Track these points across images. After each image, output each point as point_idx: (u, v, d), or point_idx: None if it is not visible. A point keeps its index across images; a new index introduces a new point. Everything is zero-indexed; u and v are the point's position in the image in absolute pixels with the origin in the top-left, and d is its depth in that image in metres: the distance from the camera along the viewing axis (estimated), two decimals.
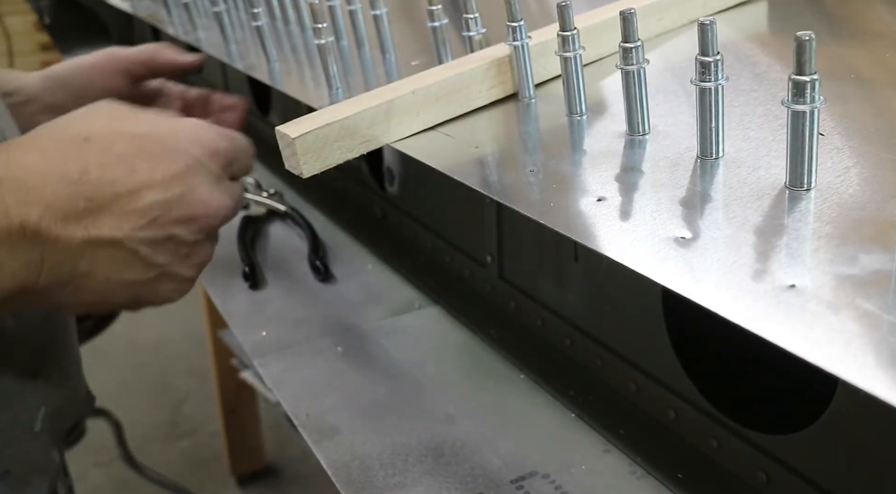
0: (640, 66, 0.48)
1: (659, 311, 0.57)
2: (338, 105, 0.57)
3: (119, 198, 0.50)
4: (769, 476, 0.51)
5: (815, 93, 0.39)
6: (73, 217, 0.48)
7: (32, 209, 0.46)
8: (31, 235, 0.46)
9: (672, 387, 0.58)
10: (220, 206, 0.55)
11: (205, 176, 0.54)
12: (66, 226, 0.48)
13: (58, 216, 0.47)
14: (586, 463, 0.58)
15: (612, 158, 0.49)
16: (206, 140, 0.55)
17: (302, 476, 2.08)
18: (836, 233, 0.38)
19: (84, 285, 0.50)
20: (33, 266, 0.47)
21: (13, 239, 0.46)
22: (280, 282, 0.88)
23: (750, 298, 0.35)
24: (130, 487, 1.95)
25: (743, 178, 0.44)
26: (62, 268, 0.48)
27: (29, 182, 0.47)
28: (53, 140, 0.51)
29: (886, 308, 0.32)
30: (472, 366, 0.70)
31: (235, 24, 0.97)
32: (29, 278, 0.47)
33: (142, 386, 2.43)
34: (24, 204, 0.46)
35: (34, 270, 0.47)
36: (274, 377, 0.72)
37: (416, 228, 0.88)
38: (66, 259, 0.48)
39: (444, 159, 0.54)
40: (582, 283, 0.65)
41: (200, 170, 0.54)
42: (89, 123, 0.53)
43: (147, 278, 0.53)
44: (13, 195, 0.46)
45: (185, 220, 0.53)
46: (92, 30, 2.14)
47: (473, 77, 0.58)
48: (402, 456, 0.60)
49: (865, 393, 0.29)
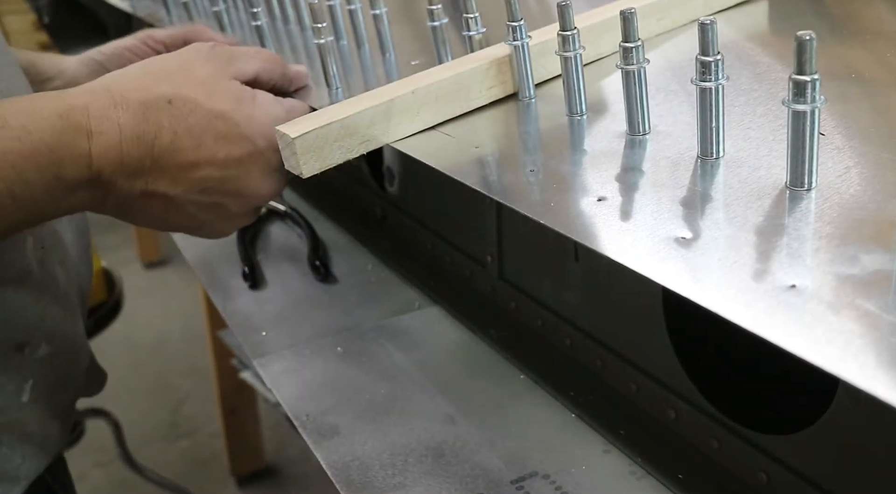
0: (640, 65, 0.48)
1: (659, 311, 0.57)
2: (338, 105, 0.57)
3: (181, 166, 0.56)
4: (769, 476, 0.51)
5: (816, 92, 0.39)
6: (139, 172, 0.56)
7: (110, 165, 0.54)
8: (104, 183, 0.55)
9: (672, 387, 0.58)
10: (268, 193, 0.61)
11: (262, 165, 0.59)
12: (131, 178, 0.56)
13: (127, 172, 0.55)
14: (586, 464, 0.57)
15: (613, 158, 0.49)
16: (272, 134, 0.59)
17: (302, 477, 2.08)
18: (837, 233, 0.38)
19: (138, 217, 0.60)
20: (99, 200, 0.56)
21: (90, 184, 0.54)
22: (280, 282, 0.88)
23: (750, 298, 0.35)
24: (130, 487, 1.95)
25: (743, 178, 0.44)
26: (123, 204, 0.57)
27: (113, 139, 0.54)
28: (145, 97, 0.57)
29: (887, 308, 0.32)
30: (472, 366, 0.70)
31: (235, 24, 0.97)
32: (94, 206, 0.57)
33: (141, 386, 2.43)
34: (105, 159, 0.54)
35: (99, 203, 0.57)
36: (274, 377, 0.72)
37: (416, 228, 0.88)
38: (126, 199, 0.57)
39: (444, 159, 0.54)
40: (582, 283, 0.65)
41: (259, 160, 0.59)
42: (178, 84, 0.58)
43: (190, 225, 0.62)
44: (99, 151, 0.54)
45: (235, 195, 0.60)
46: (91, 29, 2.14)
47: (473, 77, 0.58)
48: (402, 456, 0.60)
49: (866, 394, 0.29)
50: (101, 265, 1.56)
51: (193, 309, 2.55)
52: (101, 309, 1.52)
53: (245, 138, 0.58)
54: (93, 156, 0.54)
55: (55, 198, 0.54)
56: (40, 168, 0.52)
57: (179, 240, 1.01)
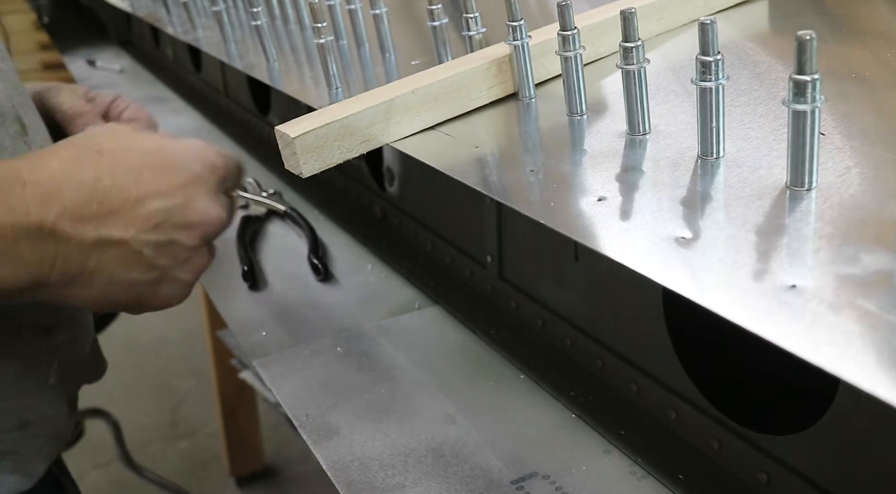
0: (640, 65, 0.48)
1: (659, 311, 0.57)
2: (337, 104, 0.57)
3: (127, 204, 0.55)
4: (770, 476, 0.51)
5: (816, 92, 0.39)
6: (86, 218, 0.53)
7: (51, 210, 0.52)
8: (47, 233, 0.51)
9: (673, 388, 0.58)
10: (217, 216, 0.60)
11: (204, 188, 0.60)
12: (79, 226, 0.53)
13: (73, 217, 0.53)
14: (587, 464, 0.57)
15: (613, 158, 0.49)
16: (206, 157, 0.61)
17: (301, 477, 2.08)
18: (838, 232, 0.38)
19: (91, 282, 0.55)
20: (47, 261, 0.52)
21: (32, 236, 0.51)
22: (280, 282, 0.88)
23: (751, 298, 0.34)
24: (129, 487, 1.95)
25: (744, 178, 0.44)
26: (73, 264, 0.53)
27: (50, 185, 0.52)
28: (74, 151, 0.57)
29: (887, 308, 0.32)
30: (472, 366, 0.70)
31: (235, 24, 0.97)
32: (42, 272, 0.52)
33: (141, 387, 2.43)
34: (44, 205, 0.51)
35: (48, 265, 0.52)
36: (274, 377, 0.71)
37: (416, 228, 0.88)
38: (77, 256, 0.53)
39: (444, 159, 0.54)
40: (582, 283, 0.65)
41: (200, 183, 0.59)
42: (104, 140, 0.59)
43: (149, 279, 0.58)
44: (35, 197, 0.51)
45: (185, 226, 0.58)
46: (90, 29, 2.14)
47: (473, 77, 0.58)
48: (402, 457, 0.60)
49: (866, 394, 0.29)
50: None
51: (193, 309, 2.55)
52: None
53: (181, 166, 0.59)
54: (30, 201, 0.51)
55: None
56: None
57: None
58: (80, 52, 2.00)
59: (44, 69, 3.58)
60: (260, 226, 1.01)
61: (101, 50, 2.01)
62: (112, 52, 2.01)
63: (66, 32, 2.24)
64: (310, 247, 0.92)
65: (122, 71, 1.84)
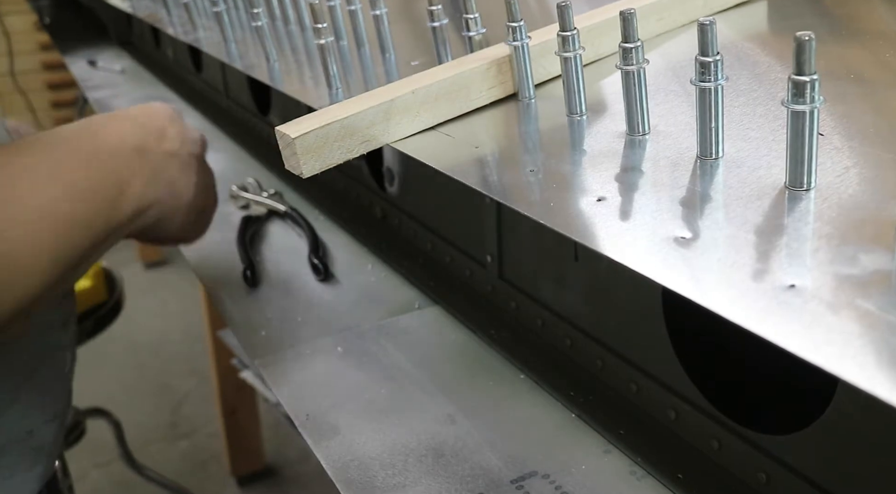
0: (640, 66, 0.48)
1: (659, 311, 0.57)
2: (338, 105, 0.57)
3: (164, 132, 0.71)
4: (769, 476, 0.51)
5: (815, 93, 0.39)
6: (153, 136, 0.69)
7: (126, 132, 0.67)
8: (136, 148, 0.66)
9: (672, 388, 0.58)
10: (196, 134, 0.76)
11: (179, 121, 0.75)
12: (155, 140, 0.69)
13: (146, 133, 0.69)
14: (586, 464, 0.58)
15: (612, 158, 0.49)
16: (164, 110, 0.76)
17: (302, 477, 2.08)
18: (837, 233, 0.38)
19: (169, 185, 0.69)
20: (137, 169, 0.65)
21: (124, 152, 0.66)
22: (280, 282, 0.88)
23: (750, 298, 0.35)
24: (130, 487, 1.96)
25: (743, 178, 0.44)
26: (156, 170, 0.67)
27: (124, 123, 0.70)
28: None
29: (886, 308, 0.32)
30: (472, 366, 0.70)
31: (235, 24, 0.97)
32: (135, 175, 0.65)
33: (142, 387, 2.43)
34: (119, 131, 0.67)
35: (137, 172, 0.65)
36: (274, 377, 0.72)
37: (416, 228, 0.88)
38: (159, 164, 0.68)
39: (444, 159, 0.54)
40: (582, 283, 0.65)
41: (177, 117, 0.74)
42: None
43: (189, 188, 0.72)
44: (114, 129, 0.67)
45: (190, 141, 0.74)
46: (91, 29, 2.14)
47: (473, 77, 0.58)
48: (402, 456, 0.60)
49: (865, 394, 0.29)
50: (102, 265, 1.56)
51: (193, 309, 2.56)
52: (101, 309, 1.52)
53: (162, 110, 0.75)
54: (111, 133, 0.66)
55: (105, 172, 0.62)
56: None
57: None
58: (80, 52, 2.00)
59: (44, 69, 3.59)
60: (260, 226, 1.01)
61: (101, 50, 2.02)
62: (113, 52, 2.01)
63: (66, 33, 2.24)
64: (310, 247, 0.92)
65: (123, 71, 1.84)
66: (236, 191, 1.08)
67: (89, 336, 1.48)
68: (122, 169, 0.63)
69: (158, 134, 0.70)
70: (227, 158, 1.26)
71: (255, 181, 1.09)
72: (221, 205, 1.08)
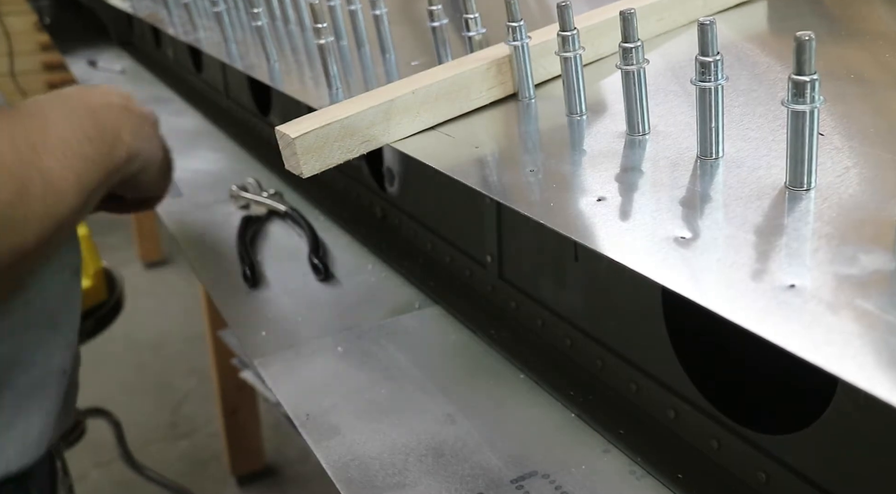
0: (640, 66, 0.48)
1: (659, 311, 0.57)
2: (338, 105, 0.57)
3: (131, 100, 0.80)
4: (769, 476, 0.51)
5: (815, 93, 0.39)
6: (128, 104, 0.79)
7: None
8: (117, 107, 0.76)
9: (672, 387, 0.58)
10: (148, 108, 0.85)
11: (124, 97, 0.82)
12: (130, 102, 0.79)
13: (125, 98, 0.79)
14: (586, 463, 0.58)
15: (612, 158, 0.49)
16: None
17: (302, 477, 2.08)
18: (836, 233, 0.38)
19: (148, 143, 0.79)
20: (121, 127, 0.74)
21: (109, 108, 0.75)
22: (280, 282, 0.88)
23: (750, 298, 0.35)
24: (130, 487, 1.95)
25: (743, 178, 0.44)
26: (137, 131, 0.76)
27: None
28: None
29: (886, 308, 0.32)
30: (472, 366, 0.70)
31: (235, 25, 0.97)
32: (123, 132, 0.74)
33: (142, 386, 2.43)
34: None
35: (121, 130, 0.74)
36: (274, 377, 0.72)
37: (416, 228, 0.88)
38: (138, 125, 0.77)
39: (444, 159, 0.54)
40: (582, 283, 0.65)
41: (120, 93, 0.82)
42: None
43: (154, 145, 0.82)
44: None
45: (148, 111, 0.83)
46: (91, 30, 2.14)
47: (473, 77, 0.58)
48: (402, 456, 0.60)
49: (865, 393, 0.29)
50: (102, 265, 1.56)
51: (193, 309, 2.55)
52: (101, 309, 1.51)
53: (113, 91, 0.81)
54: (97, 95, 0.75)
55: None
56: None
57: (180, 239, 1.02)
58: (81, 52, 2.00)
59: (45, 70, 3.59)
60: (260, 226, 1.01)
61: (102, 51, 2.02)
62: (113, 52, 2.01)
63: (67, 33, 2.24)
64: (310, 247, 0.92)
65: (123, 71, 1.84)
66: (236, 191, 1.08)
67: (89, 336, 1.48)
68: (115, 120, 0.73)
69: (130, 100, 0.80)
70: (227, 158, 1.26)
71: (255, 181, 1.09)
72: (222, 205, 1.08)
